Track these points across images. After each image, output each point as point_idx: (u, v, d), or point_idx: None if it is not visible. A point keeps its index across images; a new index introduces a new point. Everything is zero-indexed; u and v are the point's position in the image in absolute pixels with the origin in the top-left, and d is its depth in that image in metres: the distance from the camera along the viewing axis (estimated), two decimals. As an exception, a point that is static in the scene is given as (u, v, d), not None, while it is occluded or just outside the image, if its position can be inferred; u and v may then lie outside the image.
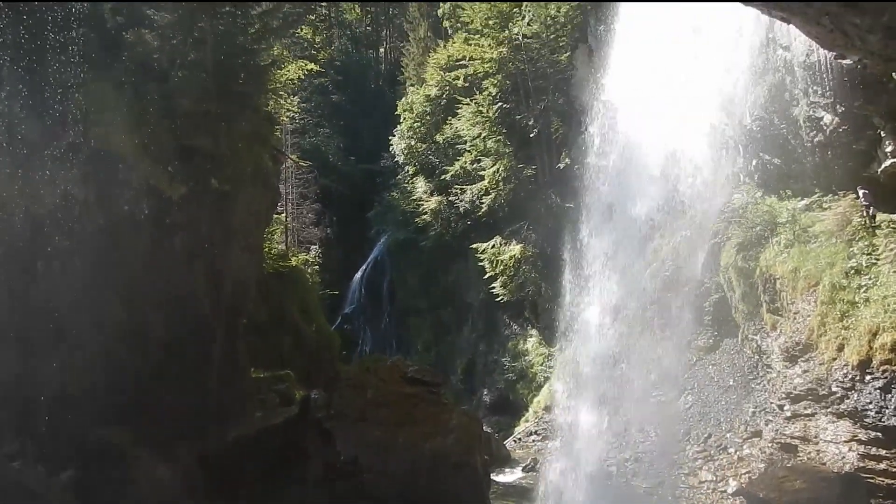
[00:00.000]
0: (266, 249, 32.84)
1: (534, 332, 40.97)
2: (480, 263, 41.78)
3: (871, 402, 18.45)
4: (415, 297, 50.11)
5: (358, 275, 52.98)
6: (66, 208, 24.27)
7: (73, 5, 26.90)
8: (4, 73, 25.70)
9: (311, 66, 42.00)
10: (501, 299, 41.33)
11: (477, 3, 42.17)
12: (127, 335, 23.65)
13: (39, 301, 23.39)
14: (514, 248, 40.65)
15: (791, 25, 12.36)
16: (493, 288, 41.38)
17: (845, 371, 19.22)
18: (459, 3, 46.43)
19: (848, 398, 19.08)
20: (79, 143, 24.48)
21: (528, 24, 40.12)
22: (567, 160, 37.95)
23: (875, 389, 18.38)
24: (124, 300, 23.68)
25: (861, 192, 20.84)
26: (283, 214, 39.60)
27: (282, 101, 37.05)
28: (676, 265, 26.85)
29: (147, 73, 26.90)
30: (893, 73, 13.86)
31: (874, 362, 18.45)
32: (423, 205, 47.76)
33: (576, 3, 38.25)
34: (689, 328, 26.79)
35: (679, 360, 26.71)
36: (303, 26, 61.57)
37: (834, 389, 19.52)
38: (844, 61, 13.55)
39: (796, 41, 21.31)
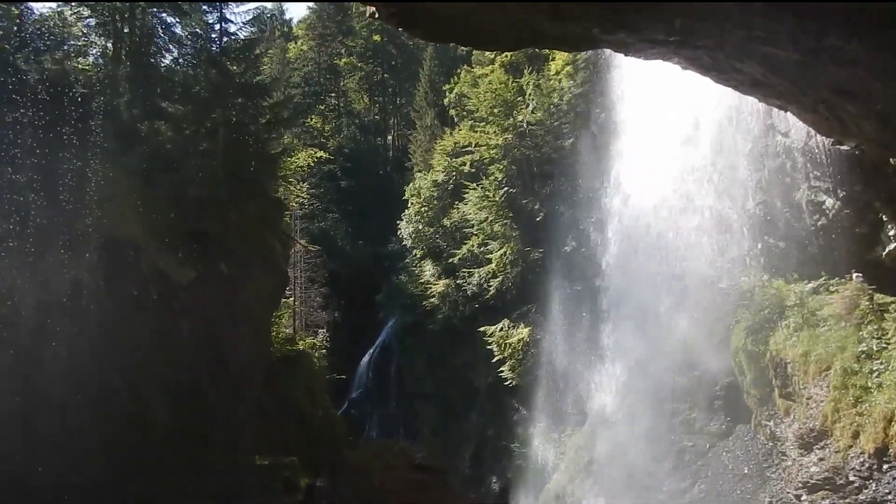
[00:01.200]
0: (274, 333, 32.83)
1: (543, 416, 40.29)
2: (488, 347, 41.47)
3: (889, 492, 17.89)
4: (422, 381, 49.55)
5: (365, 358, 52.59)
6: (76, 294, 24.51)
7: (93, 100, 27.95)
8: (23, 164, 26.47)
9: (321, 153, 43.22)
10: (510, 383, 40.82)
11: (482, 93, 43.45)
12: (132, 423, 23.42)
13: (45, 388, 23.31)
14: (523, 331, 40.42)
15: (789, 112, 12.72)
16: (502, 371, 40.91)
17: (862, 459, 18.71)
18: (465, 93, 47.87)
19: (866, 488, 18.51)
20: (91, 231, 24.95)
21: (533, 112, 41.22)
22: (573, 243, 38.23)
23: (894, 479, 17.86)
24: (130, 387, 23.59)
25: (855, 276, 20.91)
26: (292, 298, 39.70)
27: (291, 187, 37.84)
28: (685, 348, 26.60)
29: (160, 161, 27.70)
30: (891, 159, 14.11)
31: (891, 450, 18.00)
32: (430, 288, 47.84)
33: (578, 91, 39.41)
34: (700, 414, 26.32)
35: (691, 447, 26.12)
36: (312, 116, 63.74)
37: (851, 479, 18.97)
38: (842, 147, 13.84)
39: (795, 127, 21.80)
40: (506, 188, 42.34)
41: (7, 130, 27.02)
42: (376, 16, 10.41)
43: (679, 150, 26.36)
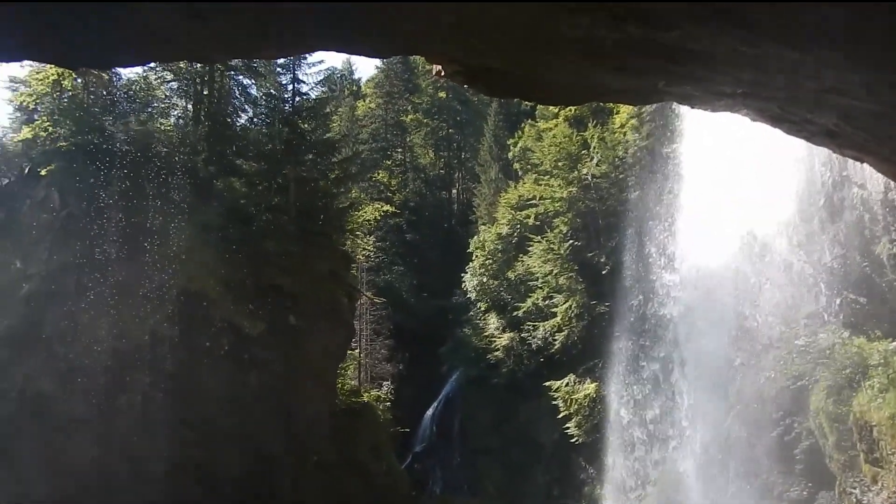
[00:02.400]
0: (339, 385, 33.04)
1: (612, 477, 38.98)
2: (554, 402, 40.68)
3: None
4: (486, 436, 48.72)
5: (429, 412, 52.15)
6: (152, 345, 25.37)
7: (174, 158, 29.34)
8: (107, 219, 27.87)
9: (387, 207, 43.97)
10: (576, 440, 39.77)
11: (547, 146, 43.68)
12: (202, 474, 23.79)
13: (121, 438, 23.98)
14: (589, 387, 39.52)
15: (865, 163, 12.32)
16: (568, 428, 39.97)
17: (959, 530, 17.40)
18: (529, 147, 48.21)
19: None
20: (168, 284, 25.93)
21: (597, 165, 41.13)
22: (640, 297, 37.51)
23: None
24: (201, 438, 24.03)
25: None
26: (357, 350, 39.96)
27: (358, 241, 38.50)
28: (761, 408, 25.45)
29: (234, 217, 28.74)
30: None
31: None
32: (494, 341, 47.44)
33: (643, 144, 39.23)
34: (780, 478, 24.99)
35: (771, 514, 24.78)
36: (379, 171, 65.11)
37: (947, 551, 17.62)
38: (925, 198, 13.32)
39: (872, 179, 21.08)
40: (571, 241, 42.05)
41: (94, 188, 28.61)
42: (442, 74, 10.67)
43: (750, 202, 25.74)
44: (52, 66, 30.43)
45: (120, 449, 23.95)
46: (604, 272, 40.54)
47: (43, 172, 31.06)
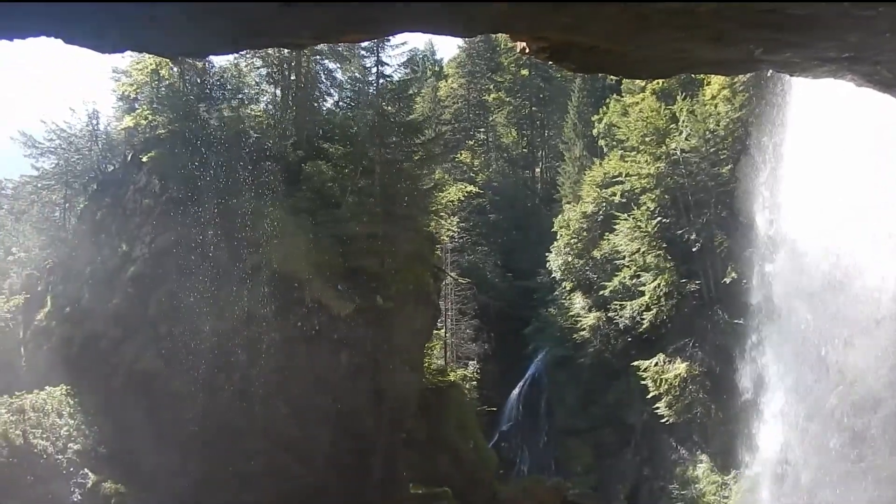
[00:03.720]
0: (426, 365, 33.51)
1: (704, 457, 38.07)
2: (643, 382, 39.97)
3: None
4: (573, 416, 48.44)
5: (515, 391, 52.23)
6: (248, 324, 26.39)
7: (264, 143, 30.22)
8: (203, 203, 29.06)
9: (471, 187, 44.00)
10: (666, 421, 39.02)
11: (633, 121, 42.61)
12: (296, 448, 24.68)
13: (220, 414, 25.13)
14: (680, 367, 38.63)
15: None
16: (658, 408, 39.23)
17: None
18: (615, 123, 47.14)
19: None
20: (261, 266, 26.86)
21: (687, 139, 39.82)
22: (734, 274, 36.25)
23: None
24: (295, 414, 24.90)
25: None
26: (443, 330, 40.34)
27: (442, 222, 38.71)
28: (864, 388, 24.24)
29: (322, 200, 29.42)
30: None
31: None
32: (580, 321, 46.95)
33: (736, 116, 37.68)
34: (884, 460, 23.80)
35: (877, 497, 23.64)
36: (462, 151, 65.13)
37: None
38: None
39: None
40: (659, 218, 40.97)
41: (191, 173, 29.87)
42: (527, 51, 10.52)
43: (854, 174, 24.36)
44: (152, 56, 31.88)
45: (220, 423, 25.12)
46: (694, 249, 39.38)
47: (144, 159, 32.65)
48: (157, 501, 23.77)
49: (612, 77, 47.18)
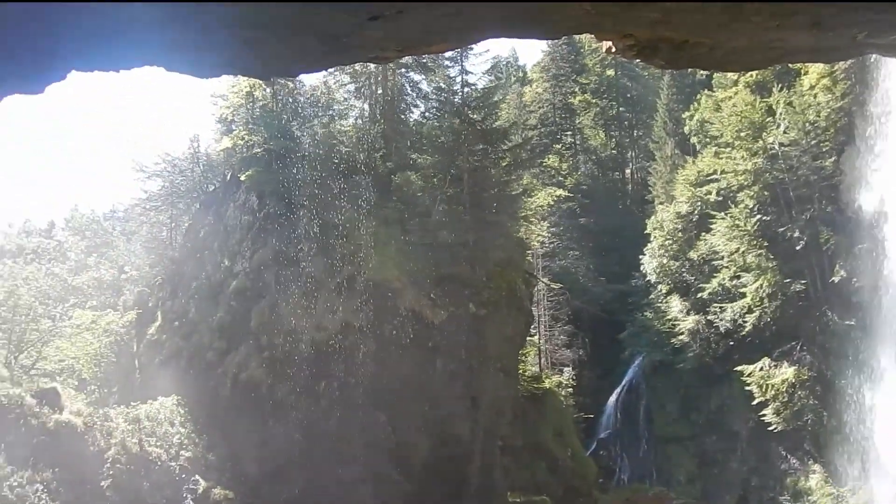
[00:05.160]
0: (520, 371, 33.34)
1: (817, 467, 36.13)
2: (747, 388, 38.38)
3: None
4: (674, 424, 47.01)
5: (612, 398, 51.17)
6: (344, 334, 27.01)
7: (354, 156, 30.96)
8: (299, 217, 30.00)
9: (559, 191, 43.60)
10: (775, 428, 37.28)
11: (726, 116, 41.16)
12: (394, 455, 25.02)
13: (320, 421, 25.79)
14: (787, 371, 36.85)
15: None
16: (764, 415, 37.55)
17: None
18: (707, 119, 45.70)
19: None
20: (356, 276, 27.46)
21: (785, 132, 38.12)
22: (843, 273, 34.34)
23: None
24: (392, 421, 25.26)
25: None
26: (536, 336, 40.04)
27: (532, 227, 38.49)
28: None
29: (412, 210, 29.84)
30: None
31: None
32: (678, 325, 45.59)
33: (838, 105, 35.76)
34: None
35: None
36: (549, 155, 64.62)
37: None
38: None
39: None
40: (758, 216, 39.34)
41: (287, 189, 30.93)
42: (612, 50, 10.34)
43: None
44: (246, 78, 33.25)
45: (320, 431, 25.77)
46: (798, 248, 37.59)
47: (242, 178, 34.04)
48: (264, 507, 24.60)
49: (702, 72, 45.85)
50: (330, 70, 34.47)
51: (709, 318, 42.99)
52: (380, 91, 36.42)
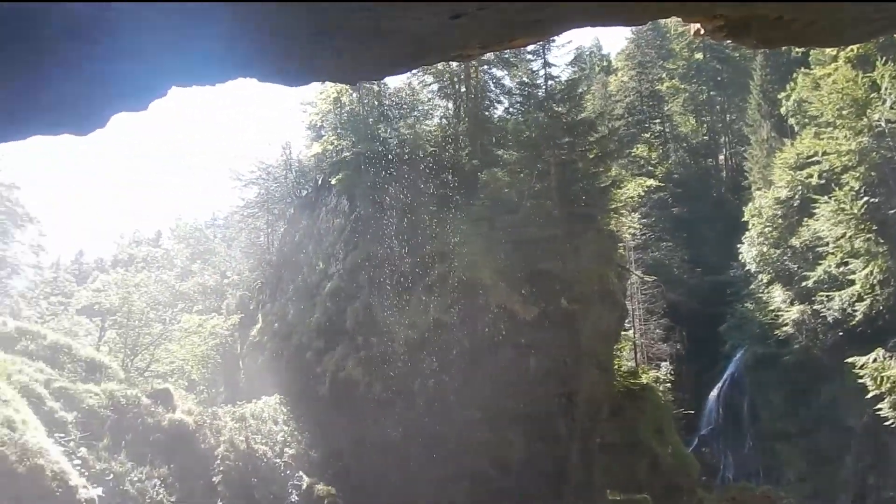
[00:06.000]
0: (616, 367, 32.74)
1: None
2: (860, 381, 36.34)
3: None
4: (781, 419, 45.01)
5: (714, 393, 49.54)
6: (437, 332, 27.28)
7: (441, 155, 31.21)
8: (389, 218, 30.51)
9: (650, 181, 42.47)
10: (892, 423, 35.14)
11: (826, 94, 39.08)
12: (491, 453, 25.08)
13: (416, 419, 26.15)
14: (904, 362, 34.66)
15: None
16: (880, 409, 35.45)
17: None
18: (805, 98, 43.59)
19: None
20: (446, 274, 27.66)
21: (892, 108, 35.85)
22: (964, 255, 32.01)
23: None
24: (487, 419, 25.31)
25: None
26: (631, 331, 39.25)
27: (623, 219, 37.71)
28: None
29: (500, 206, 29.78)
30: None
31: None
32: (782, 316, 43.66)
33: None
34: None
35: None
36: (638, 145, 63.19)
37: None
38: None
39: None
40: (865, 198, 37.17)
41: (376, 191, 31.54)
42: (701, 32, 10.01)
43: None
44: (333, 84, 34.09)
45: (417, 429, 26.12)
46: (913, 230, 35.34)
47: (333, 182, 34.96)
48: (365, 503, 25.14)
49: (798, 49, 43.75)
50: (413, 71, 34.89)
51: (815, 307, 41.02)
52: (463, 89, 36.59)
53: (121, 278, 35.06)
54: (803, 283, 41.71)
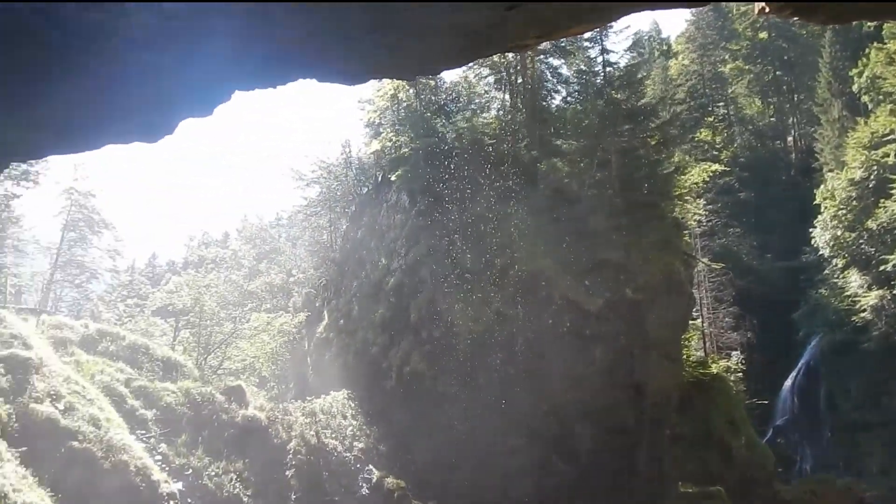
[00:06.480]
0: (685, 357, 32.06)
1: None
2: (948, 368, 34.69)
3: None
4: (861, 409, 43.25)
5: (788, 382, 47.98)
6: (500, 325, 27.22)
7: (499, 147, 31.08)
8: (449, 212, 30.57)
9: (715, 166, 41.36)
10: (981, 411, 33.44)
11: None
12: (558, 445, 24.91)
13: (482, 412, 26.18)
14: None
15: None
16: (971, 398, 33.80)
17: None
18: (879, 74, 41.74)
19: None
20: (508, 267, 27.57)
21: (977, 79, 34.03)
22: None
23: None
24: (554, 412, 25.14)
25: None
26: (699, 320, 38.37)
27: (688, 206, 36.86)
28: None
29: (560, 197, 29.49)
30: None
31: None
32: (859, 301, 41.96)
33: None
34: None
35: None
36: (701, 129, 61.61)
37: None
38: None
39: None
40: (949, 175, 35.47)
41: (435, 185, 31.64)
42: (766, 11, 9.70)
43: None
44: (390, 81, 34.33)
45: (484, 422, 26.15)
46: None
47: (393, 178, 35.22)
48: (434, 496, 25.32)
49: (869, 24, 41.89)
50: (469, 64, 34.83)
51: (894, 292, 39.33)
52: (520, 80, 36.32)
53: (192, 279, 36.20)
54: (881, 268, 40.03)
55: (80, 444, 16.96)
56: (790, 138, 67.03)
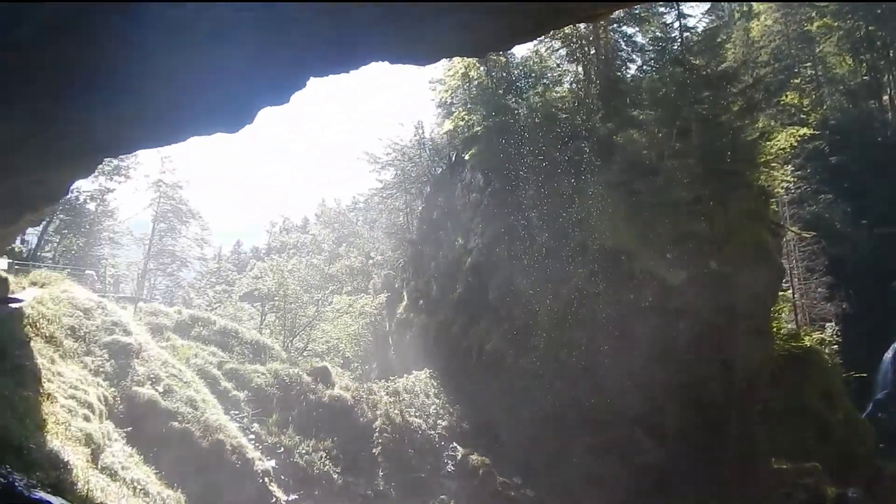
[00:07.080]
0: (774, 330, 30.89)
1: None
2: None
3: None
4: (974, 380, 40.87)
5: (889, 354, 45.59)
6: (581, 301, 26.89)
7: (573, 121, 30.49)
8: (524, 188, 30.28)
9: (803, 130, 39.45)
10: None
11: None
12: (644, 422, 24.52)
13: (567, 389, 26.01)
14: None
15: None
16: None
17: None
18: None
19: None
20: (587, 242, 27.15)
21: None
22: None
23: None
24: (640, 389, 24.70)
25: None
26: (790, 291, 36.89)
27: (774, 173, 35.32)
28: None
29: (638, 169, 28.71)
30: None
31: None
32: (967, 266, 39.51)
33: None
34: None
35: None
36: (787, 92, 58.76)
37: None
38: None
39: None
40: None
41: (509, 162, 31.38)
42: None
43: None
44: (460, 59, 34.10)
45: (568, 398, 25.98)
46: None
47: (466, 157, 35.15)
48: (519, 473, 25.40)
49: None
50: (541, 38, 34.23)
51: None
52: (593, 51, 35.50)
53: (275, 265, 37.27)
54: None
55: (180, 425, 17.78)
56: (886, 97, 63.19)
